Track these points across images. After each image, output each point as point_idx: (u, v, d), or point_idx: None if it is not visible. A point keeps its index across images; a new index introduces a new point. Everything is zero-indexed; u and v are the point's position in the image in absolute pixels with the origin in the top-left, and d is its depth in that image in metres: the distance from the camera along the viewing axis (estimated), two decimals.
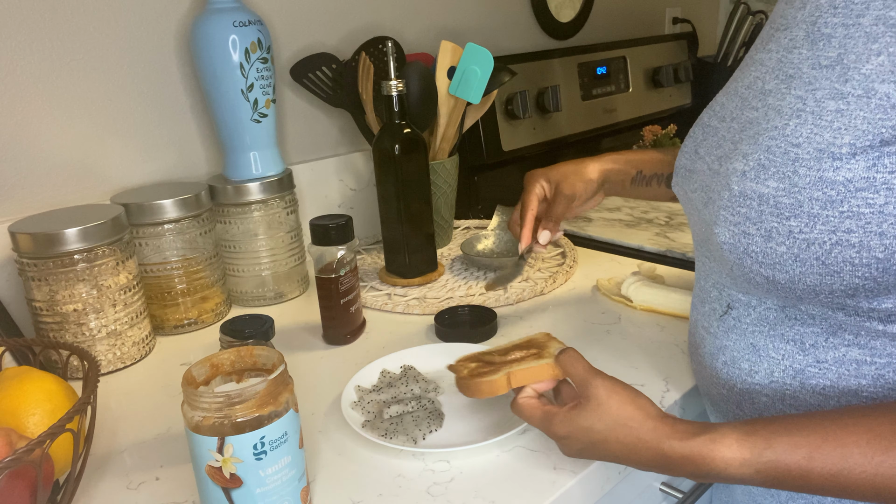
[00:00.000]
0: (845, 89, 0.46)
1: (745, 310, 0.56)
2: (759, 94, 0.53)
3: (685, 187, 0.61)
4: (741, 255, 0.51)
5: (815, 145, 0.46)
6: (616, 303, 0.88)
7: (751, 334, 0.56)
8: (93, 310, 0.76)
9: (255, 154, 0.93)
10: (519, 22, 1.43)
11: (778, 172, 0.48)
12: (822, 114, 0.47)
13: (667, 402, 0.66)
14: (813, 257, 0.47)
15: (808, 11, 0.51)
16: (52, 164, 0.87)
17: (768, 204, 0.48)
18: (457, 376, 0.62)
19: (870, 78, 0.45)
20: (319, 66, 1.05)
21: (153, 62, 0.93)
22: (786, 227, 0.47)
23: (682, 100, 1.67)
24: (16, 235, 0.74)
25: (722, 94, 0.60)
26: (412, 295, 0.94)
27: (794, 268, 0.48)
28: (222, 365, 0.54)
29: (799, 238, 0.47)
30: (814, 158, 0.46)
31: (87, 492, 0.59)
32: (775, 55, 0.53)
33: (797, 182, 0.47)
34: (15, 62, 0.82)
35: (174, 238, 0.85)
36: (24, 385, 0.58)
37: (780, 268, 0.48)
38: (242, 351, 0.54)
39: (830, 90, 0.47)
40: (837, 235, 0.45)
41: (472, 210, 1.28)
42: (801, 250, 0.47)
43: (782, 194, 0.47)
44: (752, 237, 0.49)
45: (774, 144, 0.49)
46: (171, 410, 0.71)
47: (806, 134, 0.47)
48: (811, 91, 0.48)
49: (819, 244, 0.46)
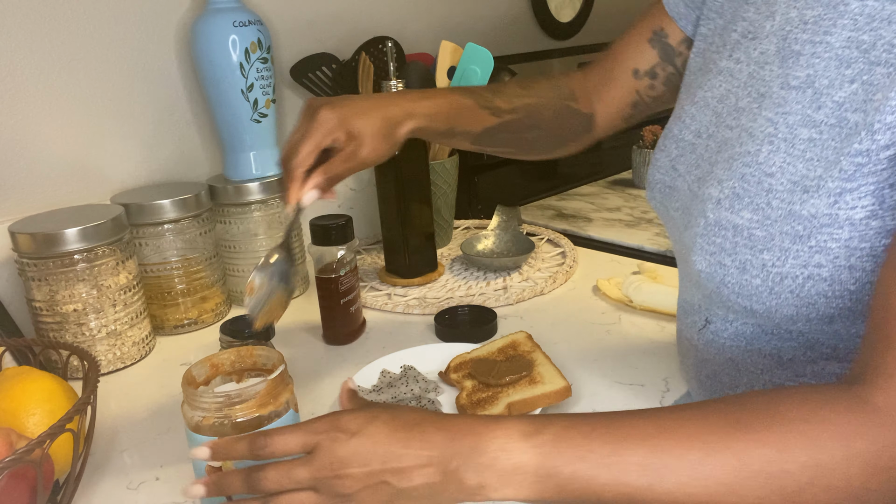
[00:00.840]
0: (818, 117, 0.45)
1: (723, 324, 0.55)
2: (733, 112, 0.52)
3: (666, 204, 0.60)
4: (718, 285, 0.50)
5: (789, 176, 0.45)
6: (616, 303, 0.88)
7: (729, 349, 0.55)
8: (93, 310, 0.76)
9: (254, 154, 0.92)
10: (519, 22, 1.43)
11: (752, 203, 0.47)
12: (795, 142, 0.46)
13: (667, 401, 0.66)
14: (787, 290, 0.46)
15: (778, 24, 0.49)
16: (52, 164, 0.87)
17: (742, 235, 0.48)
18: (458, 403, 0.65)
19: (843, 107, 0.44)
20: (319, 66, 1.05)
21: (153, 62, 0.93)
22: (759, 259, 0.47)
23: None
24: (16, 235, 0.74)
25: (690, 105, 0.58)
26: (412, 295, 0.94)
27: (769, 300, 0.47)
28: (222, 365, 0.54)
29: (772, 272, 0.46)
30: (787, 190, 0.45)
31: (87, 492, 0.59)
32: (746, 68, 0.52)
33: (770, 214, 0.46)
34: (15, 62, 0.82)
35: (174, 238, 0.85)
36: (24, 385, 0.58)
37: (757, 299, 0.48)
38: (242, 351, 0.54)
39: (803, 116, 0.45)
40: (808, 270, 0.45)
41: (472, 210, 1.28)
42: (776, 283, 0.46)
43: (756, 226, 0.47)
44: (728, 268, 0.49)
45: (749, 172, 0.48)
46: (171, 410, 0.71)
47: (779, 163, 0.46)
48: (782, 115, 0.47)
49: (792, 278, 0.46)
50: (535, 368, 0.67)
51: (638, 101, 0.72)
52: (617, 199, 1.33)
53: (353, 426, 0.43)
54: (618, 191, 1.39)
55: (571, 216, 1.24)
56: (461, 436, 0.43)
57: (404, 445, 0.42)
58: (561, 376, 0.65)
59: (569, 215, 1.25)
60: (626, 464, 0.40)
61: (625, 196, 1.35)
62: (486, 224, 1.20)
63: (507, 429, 0.42)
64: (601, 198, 1.35)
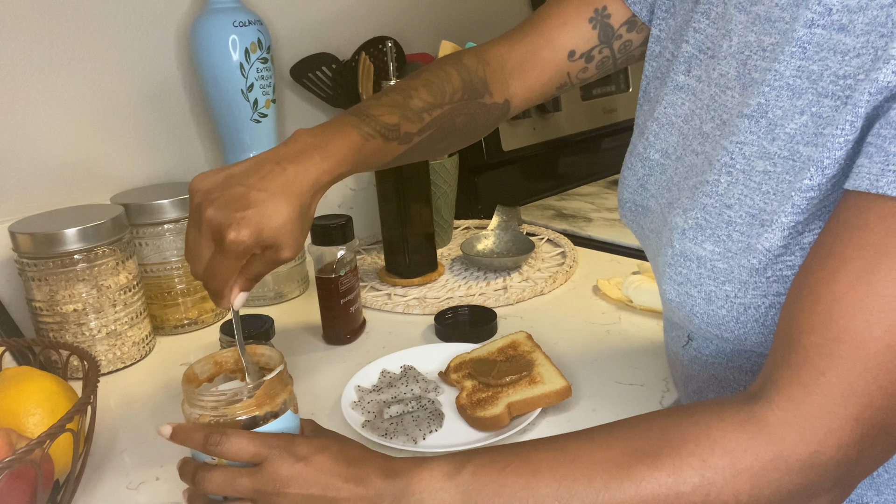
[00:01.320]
0: (772, 149, 0.45)
1: (704, 342, 0.55)
2: (698, 136, 0.52)
3: (640, 223, 0.60)
4: (688, 314, 0.51)
5: (747, 209, 0.46)
6: (616, 303, 0.88)
7: (711, 366, 0.55)
8: (93, 310, 0.76)
9: (255, 154, 0.92)
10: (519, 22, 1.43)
11: (713, 235, 0.48)
12: (752, 174, 0.46)
13: (667, 402, 0.66)
14: (752, 319, 0.47)
15: (736, 46, 0.48)
16: (52, 164, 0.87)
17: (706, 267, 0.48)
18: (458, 403, 0.66)
19: (794, 139, 0.44)
20: (319, 66, 1.05)
21: (153, 62, 0.93)
22: (723, 291, 0.47)
23: None
24: (16, 235, 0.74)
25: (652, 122, 0.57)
26: (412, 295, 0.94)
27: (736, 329, 0.48)
28: (225, 363, 0.54)
29: (735, 302, 0.47)
30: (745, 223, 0.46)
31: (87, 492, 0.59)
32: (708, 90, 0.51)
33: (731, 247, 0.47)
34: (15, 62, 0.82)
35: (174, 238, 0.85)
36: (24, 385, 0.58)
37: (725, 328, 0.49)
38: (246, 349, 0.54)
39: (759, 148, 0.45)
40: (769, 299, 0.46)
41: (472, 210, 1.28)
42: (740, 313, 0.47)
43: (717, 258, 0.47)
44: (695, 299, 0.49)
45: (710, 203, 0.48)
46: (171, 410, 0.71)
47: (737, 195, 0.46)
48: (738, 144, 0.47)
49: (755, 308, 0.46)
50: (535, 368, 0.67)
51: (565, 84, 0.67)
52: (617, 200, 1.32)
53: (302, 451, 0.46)
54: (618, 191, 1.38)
55: (571, 216, 1.24)
56: (394, 477, 0.45)
57: (344, 479, 0.45)
58: (561, 376, 0.65)
59: (569, 215, 1.25)
60: (538, 496, 0.42)
61: None
62: (486, 224, 1.20)
63: (431, 470, 0.45)
64: (601, 198, 1.35)
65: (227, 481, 0.46)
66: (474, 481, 0.44)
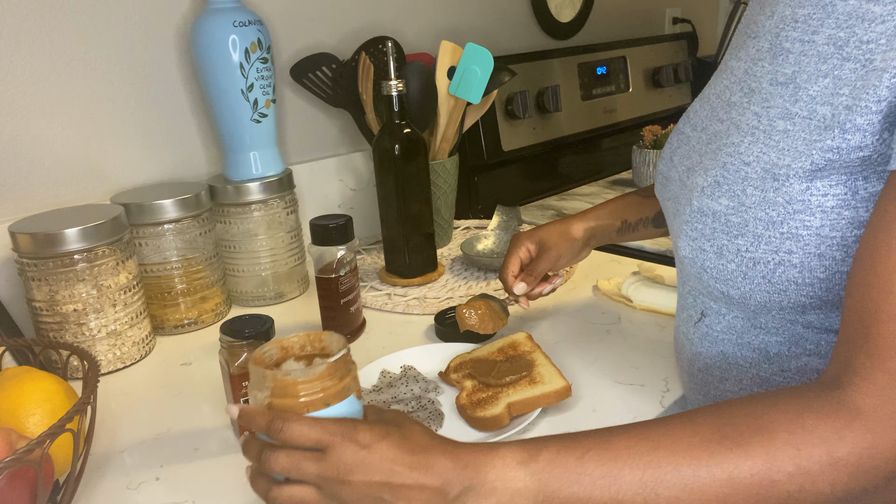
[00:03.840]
0: (794, 109, 0.46)
1: (717, 318, 0.56)
2: (725, 106, 0.54)
3: (663, 193, 0.61)
4: (699, 270, 0.52)
5: (763, 165, 0.47)
6: (616, 303, 0.88)
7: (721, 342, 0.56)
8: (93, 310, 0.76)
9: (255, 154, 0.93)
10: (519, 22, 1.43)
11: (730, 190, 0.49)
12: (772, 133, 0.47)
13: (667, 401, 0.66)
14: (759, 276, 0.48)
15: (774, 22, 0.50)
16: (52, 164, 0.87)
17: (720, 221, 0.49)
18: (457, 403, 0.66)
19: (815, 100, 0.45)
20: (319, 66, 1.05)
21: (153, 62, 0.93)
22: (734, 245, 0.48)
23: (681, 100, 1.67)
24: (16, 235, 0.74)
25: (697, 101, 0.61)
26: (412, 295, 0.94)
27: (743, 285, 0.49)
28: (292, 348, 0.54)
29: (746, 257, 0.48)
30: (760, 178, 0.47)
31: (87, 492, 0.59)
32: (743, 65, 0.53)
33: (745, 201, 0.48)
34: (15, 62, 0.82)
35: (174, 238, 0.85)
36: (24, 385, 0.58)
37: (732, 284, 0.49)
38: (312, 335, 0.54)
39: (782, 109, 0.47)
40: (780, 256, 0.46)
41: (472, 210, 1.28)
42: (749, 268, 0.48)
43: (732, 213, 0.49)
44: (707, 253, 0.50)
45: (730, 161, 0.50)
46: (171, 410, 0.71)
47: (756, 153, 0.48)
48: (766, 108, 0.48)
49: (764, 263, 0.47)
50: (534, 368, 0.67)
51: None
52: None
53: (365, 439, 0.45)
54: (618, 191, 1.39)
55: None
56: (463, 466, 0.44)
57: (409, 467, 0.44)
58: (561, 376, 0.65)
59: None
60: (621, 483, 0.42)
61: None
62: (486, 224, 1.20)
63: (503, 458, 0.44)
64: (601, 198, 1.35)
65: (292, 464, 0.45)
66: (550, 469, 0.43)
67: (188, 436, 0.66)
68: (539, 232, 0.81)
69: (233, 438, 0.65)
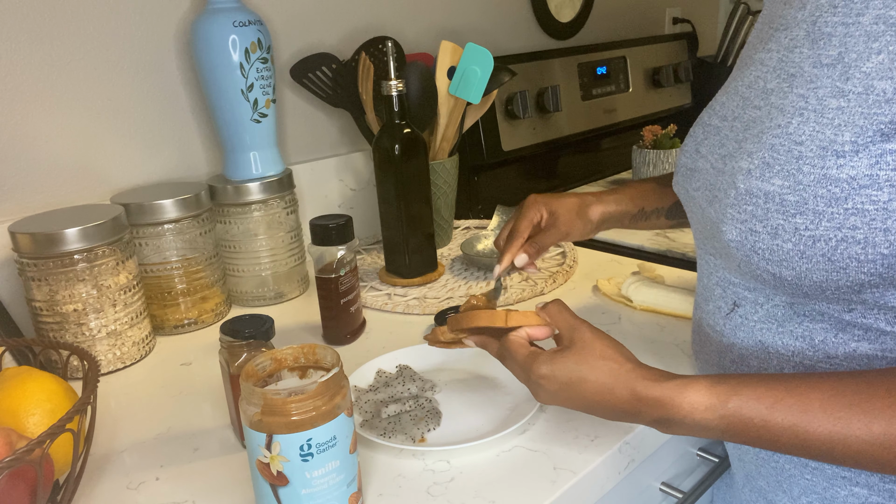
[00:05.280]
0: (846, 87, 0.46)
1: (753, 307, 0.56)
2: (761, 94, 0.53)
3: (686, 186, 0.61)
4: (748, 253, 0.51)
5: (818, 143, 0.47)
6: (616, 303, 0.88)
7: (759, 332, 0.56)
8: (93, 310, 0.76)
9: (255, 154, 0.93)
10: (519, 22, 1.43)
11: (783, 170, 0.48)
12: (824, 111, 0.47)
13: None
14: (819, 254, 0.47)
15: (808, 12, 0.51)
16: (52, 164, 0.87)
17: (774, 201, 0.49)
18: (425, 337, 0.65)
19: (870, 76, 0.45)
20: (319, 66, 1.05)
21: (153, 62, 0.94)
22: (791, 224, 0.48)
23: (682, 100, 1.67)
24: (16, 235, 0.74)
25: (722, 94, 0.60)
26: (412, 295, 0.94)
27: (800, 264, 0.48)
28: (285, 360, 0.54)
29: (805, 235, 0.47)
30: (817, 156, 0.46)
31: (87, 492, 0.59)
32: (776, 55, 0.53)
33: (801, 180, 0.47)
34: (15, 62, 0.82)
35: (174, 238, 0.85)
36: (24, 385, 0.58)
37: (787, 264, 0.49)
38: (305, 347, 0.54)
39: (832, 88, 0.47)
40: (843, 232, 0.46)
41: (472, 210, 1.28)
42: (807, 247, 0.47)
43: (787, 192, 0.48)
44: (759, 234, 0.50)
45: (778, 143, 0.49)
46: (171, 410, 0.71)
47: (808, 132, 0.47)
48: (813, 89, 0.48)
49: (825, 241, 0.46)
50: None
51: None
52: None
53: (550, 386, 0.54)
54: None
55: None
56: (647, 406, 0.51)
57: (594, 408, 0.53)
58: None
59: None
60: (808, 434, 0.45)
61: None
62: (486, 224, 1.20)
63: (692, 399, 0.49)
64: None
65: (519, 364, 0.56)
66: (740, 414, 0.47)
67: (188, 436, 0.66)
68: (554, 202, 0.78)
69: (233, 438, 0.65)
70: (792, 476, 0.57)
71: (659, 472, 0.73)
